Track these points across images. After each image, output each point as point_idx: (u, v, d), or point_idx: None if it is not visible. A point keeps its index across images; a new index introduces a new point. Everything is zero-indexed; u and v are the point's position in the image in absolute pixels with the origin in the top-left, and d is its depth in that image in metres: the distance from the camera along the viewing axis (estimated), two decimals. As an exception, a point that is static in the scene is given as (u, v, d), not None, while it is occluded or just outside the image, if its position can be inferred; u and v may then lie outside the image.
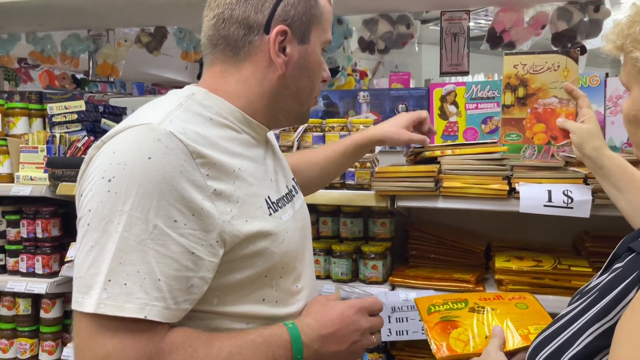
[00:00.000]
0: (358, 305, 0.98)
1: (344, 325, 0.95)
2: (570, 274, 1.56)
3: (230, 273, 0.88)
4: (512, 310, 1.15)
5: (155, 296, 0.79)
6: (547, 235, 1.96)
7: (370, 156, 1.80)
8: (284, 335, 0.89)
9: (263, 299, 0.93)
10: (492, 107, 2.22)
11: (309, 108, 1.07)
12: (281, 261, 0.93)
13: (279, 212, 0.95)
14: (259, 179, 0.94)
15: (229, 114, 0.96)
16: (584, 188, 1.46)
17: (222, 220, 0.84)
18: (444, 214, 2.04)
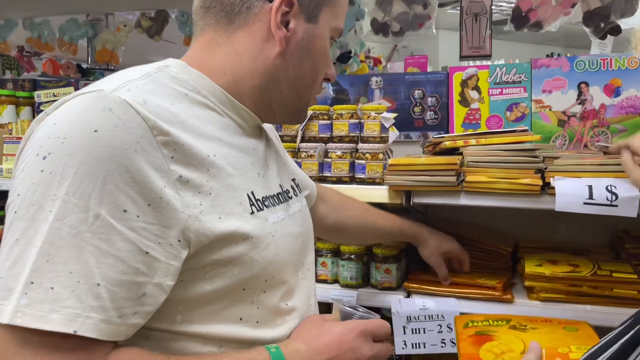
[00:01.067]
0: (360, 328, 0.81)
1: (341, 352, 0.78)
2: (612, 281, 1.37)
3: (197, 283, 0.71)
4: (558, 331, 1.01)
5: (91, 305, 0.62)
6: (581, 235, 1.76)
7: (383, 147, 1.61)
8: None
9: (240, 318, 0.76)
10: (518, 93, 2.02)
11: (306, 105, 0.90)
12: (264, 272, 0.76)
13: (265, 211, 0.79)
14: (242, 170, 0.78)
15: (209, 93, 0.80)
16: (629, 183, 1.26)
17: (188, 215, 0.68)
18: (466, 212, 1.85)
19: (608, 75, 1.93)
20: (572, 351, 0.94)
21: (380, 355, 0.83)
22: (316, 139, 1.65)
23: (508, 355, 0.94)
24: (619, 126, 1.92)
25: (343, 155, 1.58)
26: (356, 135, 1.65)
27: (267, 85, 0.83)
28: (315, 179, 1.61)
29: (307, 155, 1.61)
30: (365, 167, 1.55)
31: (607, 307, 1.37)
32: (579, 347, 0.95)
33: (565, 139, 1.97)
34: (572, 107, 1.96)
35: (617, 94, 1.92)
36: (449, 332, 1.43)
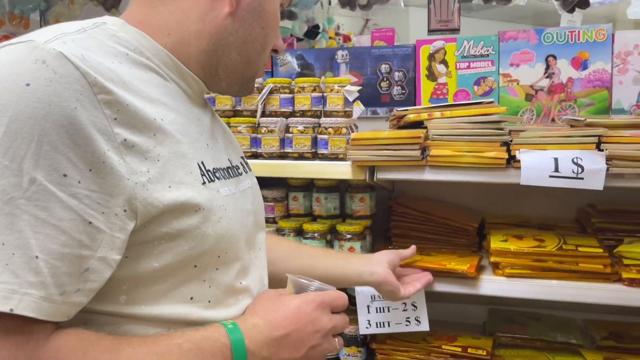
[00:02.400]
0: (318, 300, 0.77)
1: (300, 325, 0.74)
2: (577, 256, 1.35)
3: (144, 259, 0.65)
4: None
5: (29, 281, 0.56)
6: (548, 210, 1.75)
7: (347, 121, 1.55)
8: (222, 339, 0.68)
9: (191, 298, 0.70)
10: (486, 66, 1.98)
11: (254, 74, 0.84)
12: (217, 247, 0.71)
13: (216, 183, 0.73)
14: (191, 138, 0.71)
15: (152, 54, 0.73)
16: (596, 155, 1.24)
17: (134, 183, 0.62)
18: (432, 188, 1.81)
19: (576, 48, 1.90)
20: None
21: (339, 326, 0.80)
22: (277, 113, 1.58)
23: None
24: (586, 100, 1.90)
25: (305, 130, 1.52)
26: (319, 110, 1.59)
27: (215, 48, 0.77)
28: (277, 156, 1.55)
29: (267, 131, 1.54)
30: (328, 143, 1.49)
31: (573, 282, 1.35)
32: None
33: (532, 113, 1.95)
34: (539, 81, 1.93)
35: (585, 67, 1.89)
36: (414, 311, 1.40)
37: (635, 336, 1.57)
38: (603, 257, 1.33)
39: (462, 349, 1.44)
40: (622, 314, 1.70)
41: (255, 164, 1.51)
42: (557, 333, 1.59)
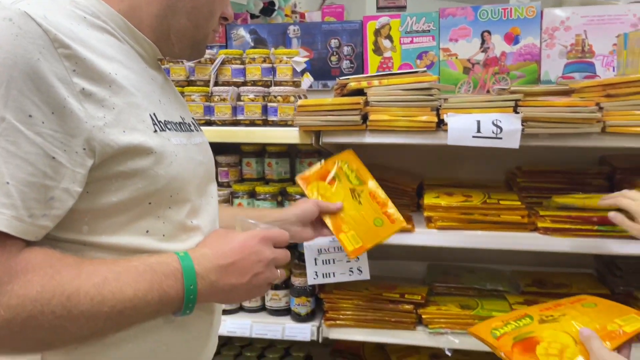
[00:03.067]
0: (261, 235, 0.88)
1: (245, 255, 0.84)
2: (499, 208, 1.51)
3: (103, 194, 0.75)
4: (584, 311, 1.02)
5: (3, 202, 0.66)
6: (481, 172, 1.91)
7: (296, 90, 1.67)
8: (174, 263, 0.78)
9: (147, 231, 0.80)
10: (427, 42, 2.11)
11: (205, 38, 0.92)
12: (169, 187, 0.81)
13: (167, 133, 0.83)
14: (144, 93, 0.81)
15: (108, 18, 0.82)
16: (513, 117, 1.39)
17: (92, 126, 0.71)
18: (377, 153, 1.95)
19: (508, 24, 2.06)
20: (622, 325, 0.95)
21: (280, 258, 0.90)
22: (229, 83, 1.68)
23: (569, 351, 0.91)
24: (517, 72, 2.06)
25: (255, 98, 1.63)
26: (269, 80, 1.70)
27: (165, 13, 0.85)
28: (229, 123, 1.66)
29: (220, 99, 1.64)
30: (277, 110, 1.61)
31: (496, 232, 1.52)
32: (624, 320, 0.96)
33: (470, 85, 2.10)
34: (476, 55, 2.08)
35: (516, 42, 2.05)
36: (356, 261, 1.54)
37: (556, 283, 1.77)
38: (521, 209, 1.50)
39: (400, 295, 1.60)
40: (546, 266, 1.90)
41: (208, 130, 1.62)
42: (487, 282, 1.77)
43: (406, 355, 1.79)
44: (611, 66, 2.03)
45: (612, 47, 2.01)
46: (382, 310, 1.60)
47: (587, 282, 1.76)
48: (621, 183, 1.63)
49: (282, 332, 1.64)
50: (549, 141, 1.43)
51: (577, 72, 2.06)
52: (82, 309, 0.69)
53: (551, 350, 0.92)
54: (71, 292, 0.68)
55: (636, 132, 1.36)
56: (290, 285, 1.68)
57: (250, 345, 1.95)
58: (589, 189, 1.67)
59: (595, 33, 2.03)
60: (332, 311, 1.63)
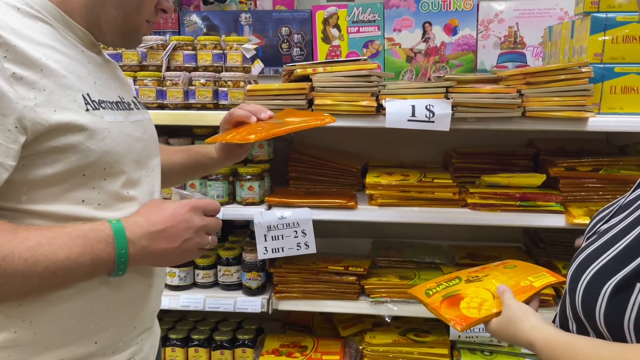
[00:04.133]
0: (192, 204, 0.95)
1: (175, 222, 0.92)
2: (433, 186, 1.65)
3: (38, 167, 0.83)
4: (504, 272, 1.14)
5: None
6: (420, 155, 2.06)
7: (246, 76, 1.75)
8: (106, 230, 0.85)
9: (82, 200, 0.88)
10: (373, 31, 2.23)
11: (137, 29, 0.98)
12: (102, 160, 0.88)
13: (101, 111, 0.90)
14: (77, 75, 0.88)
15: (42, 8, 0.89)
16: (444, 102, 1.52)
17: (23, 106, 0.79)
18: (326, 138, 2.07)
19: (447, 16, 2.19)
20: (533, 281, 1.07)
21: (210, 226, 0.98)
22: (181, 68, 1.75)
23: (487, 304, 1.01)
24: (456, 62, 2.21)
25: (207, 83, 1.70)
26: (220, 65, 1.77)
27: (94, 4, 0.92)
28: (181, 107, 1.73)
29: (172, 84, 1.70)
30: (228, 94, 1.69)
31: (430, 208, 1.66)
32: (535, 277, 1.09)
33: (412, 73, 2.23)
34: (418, 45, 2.21)
35: (455, 33, 2.19)
36: (304, 237, 1.66)
37: (487, 255, 1.93)
38: (452, 186, 1.65)
39: (344, 268, 1.73)
40: (479, 240, 2.07)
41: (161, 114, 1.69)
42: (426, 255, 1.92)
43: (351, 324, 1.93)
44: (540, 56, 2.20)
45: (541, 38, 2.18)
46: (327, 282, 1.72)
47: (515, 255, 1.93)
48: (544, 164, 1.79)
49: (234, 305, 1.73)
50: (476, 124, 1.57)
51: (510, 61, 2.22)
52: (16, 269, 0.77)
53: (472, 304, 1.04)
54: (6, 253, 0.76)
55: (552, 117, 1.52)
56: (242, 261, 1.77)
57: (204, 320, 2.04)
58: (516, 169, 1.84)
59: (527, 25, 2.19)
60: (282, 284, 1.74)
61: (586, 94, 1.50)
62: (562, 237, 1.87)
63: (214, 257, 1.83)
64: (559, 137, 1.92)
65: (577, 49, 1.67)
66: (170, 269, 1.79)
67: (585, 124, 1.53)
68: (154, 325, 1.07)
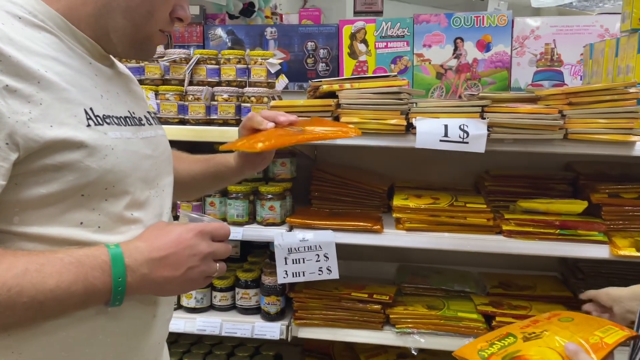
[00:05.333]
0: (198, 228, 0.88)
1: (180, 248, 0.85)
2: (465, 211, 1.55)
3: (32, 186, 0.77)
4: (564, 326, 1.04)
5: None
6: (451, 176, 1.96)
7: (270, 91, 1.69)
8: (102, 256, 0.78)
9: (81, 223, 0.81)
10: (401, 46, 2.15)
11: (148, 38, 0.91)
12: (103, 180, 0.82)
13: (104, 127, 0.84)
14: (80, 88, 0.82)
15: (46, 17, 0.83)
16: (479, 122, 1.43)
17: (15, 121, 0.73)
18: (351, 156, 1.99)
19: (480, 32, 2.11)
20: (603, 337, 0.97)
21: (218, 252, 0.90)
22: (204, 83, 1.69)
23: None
24: (489, 79, 2.12)
25: (229, 98, 1.64)
26: (244, 80, 1.71)
27: (101, 13, 0.86)
28: (203, 122, 1.67)
29: (194, 98, 1.65)
30: (251, 110, 1.62)
31: (462, 234, 1.55)
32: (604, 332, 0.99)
33: (442, 90, 2.15)
34: (448, 61, 2.13)
35: (488, 49, 2.11)
36: (326, 261, 1.57)
37: (521, 285, 1.82)
38: (487, 212, 1.55)
39: (368, 295, 1.63)
40: (512, 268, 1.95)
41: (182, 129, 1.63)
42: (455, 283, 1.81)
43: (374, 354, 1.82)
44: (579, 75, 2.09)
45: (580, 56, 2.07)
46: (350, 310, 1.63)
47: (551, 285, 1.81)
48: (584, 189, 1.68)
49: (251, 330, 1.65)
50: (513, 146, 1.47)
51: (546, 80, 2.12)
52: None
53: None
54: None
55: (597, 139, 1.41)
56: (261, 284, 1.69)
57: (221, 344, 1.96)
58: (554, 194, 1.73)
59: (564, 42, 2.09)
60: (302, 310, 1.65)
61: (633, 116, 1.40)
62: (603, 268, 1.75)
63: (232, 279, 1.75)
64: (599, 161, 1.81)
65: (623, 68, 1.56)
66: (186, 291, 1.72)
67: (632, 149, 1.42)
68: (161, 357, 0.99)
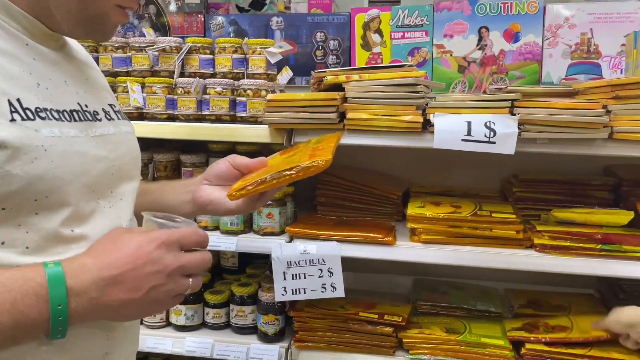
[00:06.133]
0: (162, 237, 0.71)
1: (138, 264, 0.68)
2: (491, 222, 1.35)
3: None
4: None
5: None
6: (474, 180, 1.75)
7: (271, 85, 1.50)
8: (37, 278, 0.62)
9: (2, 242, 0.65)
10: (420, 37, 1.95)
11: (99, 16, 0.75)
12: (31, 189, 0.65)
13: (37, 122, 0.67)
14: (6, 75, 0.66)
15: None
16: (509, 119, 1.23)
17: None
18: (360, 157, 1.79)
19: (508, 20, 1.89)
20: None
21: (189, 266, 0.72)
22: (197, 74, 1.52)
23: None
24: (517, 72, 1.90)
25: (223, 91, 1.46)
26: (241, 72, 1.53)
27: None
28: (194, 118, 1.49)
29: (183, 92, 1.47)
30: (247, 105, 1.44)
31: (486, 248, 1.35)
32: None
33: (465, 85, 1.94)
34: (472, 53, 1.92)
35: (516, 40, 1.89)
36: (330, 277, 1.38)
37: (553, 304, 1.60)
38: (516, 222, 1.34)
39: (378, 316, 1.43)
40: (541, 284, 1.73)
41: (170, 126, 1.46)
42: (477, 301, 1.60)
43: (386, 380, 1.62)
44: (619, 68, 1.87)
45: (620, 47, 1.85)
46: (358, 332, 1.43)
47: (588, 305, 1.59)
48: (627, 196, 1.46)
49: (246, 353, 1.47)
50: (548, 147, 1.27)
51: (582, 73, 1.90)
52: None
53: None
54: None
55: (648, 140, 1.20)
56: (258, 300, 1.51)
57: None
58: (592, 202, 1.51)
59: (602, 32, 1.87)
60: (303, 331, 1.46)
61: (694, 111, 1.18)
62: (648, 288, 1.52)
63: (227, 294, 1.57)
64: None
65: (677, 56, 1.34)
66: (175, 307, 1.55)
67: (691, 150, 1.20)
68: None
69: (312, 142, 1.09)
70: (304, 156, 0.95)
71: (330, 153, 0.93)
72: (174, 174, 1.59)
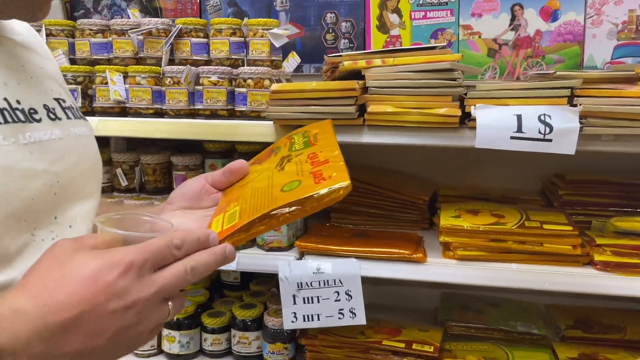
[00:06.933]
0: (128, 259, 0.49)
1: (98, 301, 0.48)
2: (542, 235, 1.12)
3: None
4: None
5: None
6: (510, 180, 1.53)
7: (275, 73, 1.28)
8: None
9: None
10: (444, 17, 1.73)
11: None
12: None
13: None
14: None
15: None
16: (568, 111, 1.00)
17: None
18: (376, 153, 1.58)
19: (545, -4, 1.66)
20: None
21: (171, 284, 0.51)
22: (188, 62, 1.29)
23: None
24: (555, 56, 1.67)
25: (219, 81, 1.24)
26: (240, 59, 1.31)
27: None
28: (185, 114, 1.27)
29: (172, 82, 1.25)
30: (247, 97, 1.22)
31: (537, 266, 1.13)
32: None
33: (495, 71, 1.71)
34: (504, 34, 1.69)
35: (555, 19, 1.67)
36: (348, 301, 1.16)
37: (606, 324, 1.39)
38: (572, 236, 1.11)
39: (405, 345, 1.22)
40: (589, 299, 1.51)
41: (155, 123, 1.24)
42: (517, 321, 1.39)
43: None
44: (674, 49, 1.63)
45: (677, 25, 1.61)
46: (381, 364, 1.22)
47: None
48: (699, 200, 1.23)
49: (250, 387, 1.26)
50: (613, 145, 1.04)
51: (630, 56, 1.68)
52: None
53: None
54: None
55: None
56: (264, 325, 1.30)
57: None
58: (655, 208, 1.28)
59: (654, 8, 1.63)
60: (317, 362, 1.25)
61: None
62: None
63: (227, 316, 1.36)
64: None
65: None
66: (168, 332, 1.34)
67: None
68: None
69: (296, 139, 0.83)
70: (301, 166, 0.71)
71: (344, 167, 0.67)
72: (164, 178, 1.37)
